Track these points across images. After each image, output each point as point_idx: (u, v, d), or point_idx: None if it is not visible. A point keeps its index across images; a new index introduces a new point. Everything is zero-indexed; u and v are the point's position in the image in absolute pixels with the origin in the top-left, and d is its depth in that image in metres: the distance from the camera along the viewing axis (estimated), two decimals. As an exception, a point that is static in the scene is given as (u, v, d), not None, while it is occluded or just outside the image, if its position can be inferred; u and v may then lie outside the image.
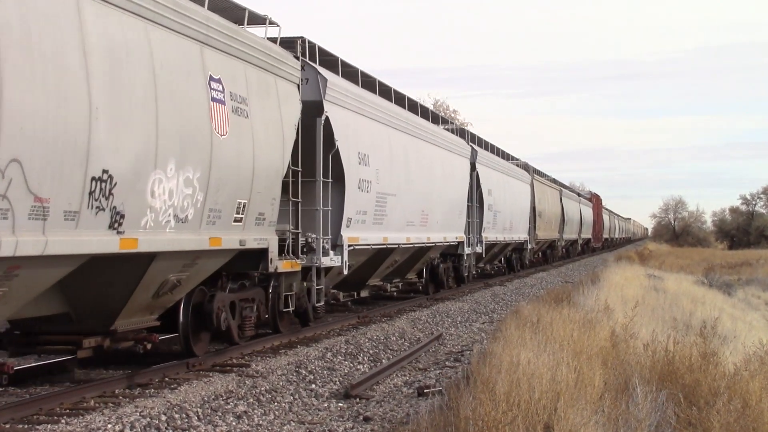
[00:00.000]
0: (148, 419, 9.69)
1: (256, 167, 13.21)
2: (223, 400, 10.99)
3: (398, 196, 20.91)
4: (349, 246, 17.86)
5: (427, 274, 26.87)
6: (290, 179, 14.94)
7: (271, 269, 14.16)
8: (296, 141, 14.98)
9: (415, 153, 22.81)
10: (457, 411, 8.37)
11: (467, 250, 28.93)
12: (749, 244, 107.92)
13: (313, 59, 17.28)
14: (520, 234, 39.79)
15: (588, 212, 73.66)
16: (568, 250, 64.02)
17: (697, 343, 11.77)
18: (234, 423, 10.09)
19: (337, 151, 17.02)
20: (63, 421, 9.64)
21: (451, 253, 28.22)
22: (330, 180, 16.80)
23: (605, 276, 31.73)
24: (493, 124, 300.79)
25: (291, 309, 15.62)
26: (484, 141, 34.53)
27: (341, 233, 17.49)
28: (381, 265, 21.24)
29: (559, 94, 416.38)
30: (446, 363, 14.79)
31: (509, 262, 40.98)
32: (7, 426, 9.40)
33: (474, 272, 31.08)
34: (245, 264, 13.84)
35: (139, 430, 9.35)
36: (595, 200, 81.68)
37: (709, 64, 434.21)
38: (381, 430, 9.91)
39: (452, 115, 66.30)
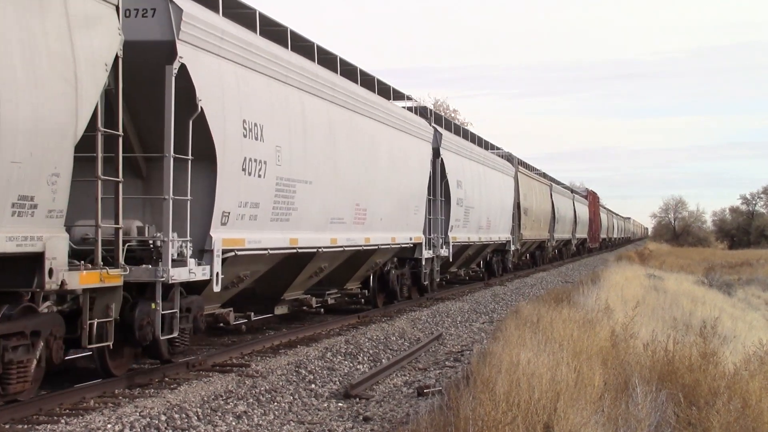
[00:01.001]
0: (148, 419, 9.68)
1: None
2: (222, 400, 10.99)
3: (315, 184, 15.81)
4: (228, 251, 12.87)
5: (375, 283, 21.64)
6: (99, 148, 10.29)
7: (52, 286, 9.37)
8: (111, 91, 10.70)
9: (346, 130, 17.55)
10: (456, 411, 8.37)
11: (426, 254, 23.28)
12: (749, 244, 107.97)
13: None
14: (501, 234, 34.83)
15: (583, 210, 69.48)
16: (561, 252, 59.81)
17: (697, 343, 11.78)
18: (234, 423, 10.09)
19: (203, 115, 12.11)
20: (63, 421, 9.63)
21: (408, 257, 23.08)
22: (190, 157, 11.94)
23: (605, 276, 31.73)
24: (494, 124, 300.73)
25: (105, 343, 10.59)
26: (454, 124, 30.01)
27: (210, 233, 12.48)
28: (299, 274, 16.40)
29: (560, 94, 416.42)
30: (446, 363, 14.79)
31: (489, 265, 36.07)
32: (7, 426, 9.40)
33: (437, 279, 25.54)
34: (4, 279, 9.32)
35: (139, 430, 9.35)
36: (591, 197, 77.41)
37: (710, 64, 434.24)
38: (381, 430, 9.91)
39: (452, 115, 66.12)
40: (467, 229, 28.63)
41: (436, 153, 24.80)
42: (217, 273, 12.55)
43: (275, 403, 11.19)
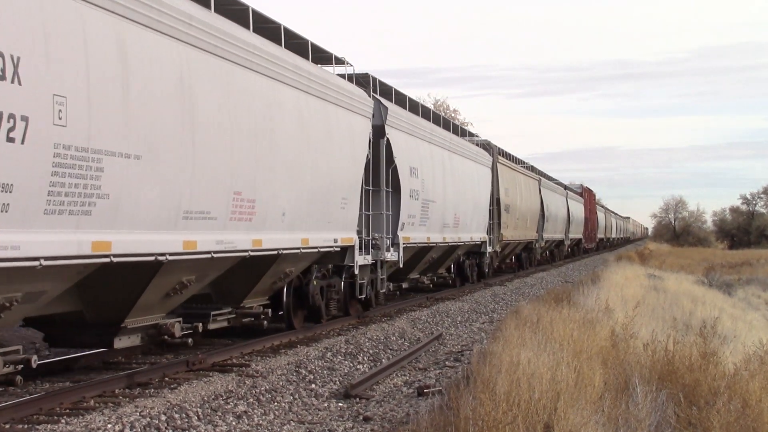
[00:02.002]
0: (148, 419, 9.68)
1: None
2: (223, 399, 10.99)
3: (148, 160, 11.04)
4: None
5: (289, 299, 17.83)
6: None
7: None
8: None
9: (220, 86, 12.56)
10: (457, 411, 8.36)
11: (361, 260, 19.20)
12: (749, 244, 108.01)
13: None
14: (475, 233, 29.54)
15: (578, 208, 64.61)
16: (553, 253, 55.33)
17: (697, 343, 11.78)
18: (234, 423, 10.09)
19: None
20: (63, 420, 9.63)
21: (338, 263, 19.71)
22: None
23: (605, 276, 31.74)
24: (494, 124, 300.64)
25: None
26: (409, 99, 24.00)
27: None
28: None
29: (561, 94, 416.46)
30: (446, 363, 14.79)
31: (462, 270, 30.66)
32: (7, 426, 9.40)
33: (383, 289, 21.09)
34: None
35: (139, 429, 9.35)
36: (587, 195, 72.63)
37: (710, 64, 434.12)
38: (381, 429, 9.91)
39: (452, 115, 66.11)
40: (427, 228, 23.39)
41: (379, 131, 19.80)
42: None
43: (275, 403, 11.19)
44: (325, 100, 16.60)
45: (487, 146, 34.18)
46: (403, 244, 21.24)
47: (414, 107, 24.40)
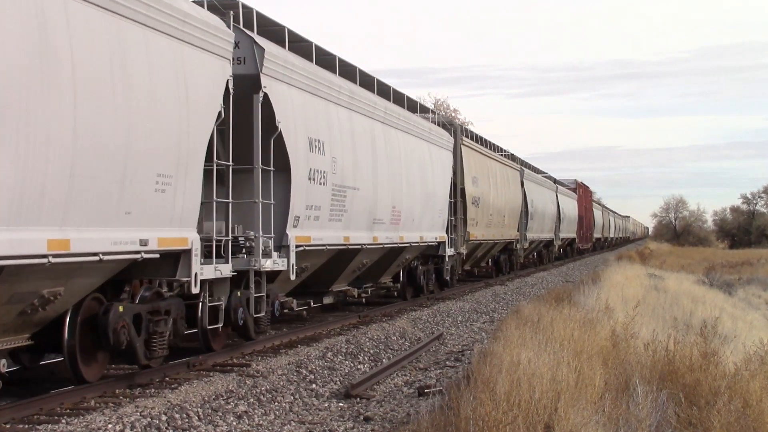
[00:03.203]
0: (149, 419, 9.68)
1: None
2: (223, 399, 10.99)
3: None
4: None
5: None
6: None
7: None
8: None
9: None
10: (457, 411, 8.37)
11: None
12: (750, 244, 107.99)
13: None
14: (428, 232, 23.68)
15: (571, 205, 59.08)
16: (540, 255, 50.09)
17: (697, 343, 11.78)
18: (234, 423, 10.09)
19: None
20: (63, 421, 9.63)
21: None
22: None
23: (606, 275, 31.74)
24: (495, 124, 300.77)
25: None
26: (317, 47, 17.34)
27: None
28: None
29: (561, 94, 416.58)
30: (447, 363, 14.78)
31: (413, 279, 24.57)
32: (8, 426, 9.40)
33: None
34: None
35: (140, 430, 9.35)
36: (581, 191, 66.60)
37: (710, 64, 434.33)
38: (381, 429, 9.91)
39: (452, 114, 66.02)
40: (344, 225, 17.46)
41: (253, 83, 14.01)
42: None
43: (276, 403, 11.19)
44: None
45: (447, 125, 27.78)
46: (298, 246, 15.21)
47: (327, 62, 17.70)
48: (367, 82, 20.31)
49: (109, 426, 9.34)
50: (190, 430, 9.63)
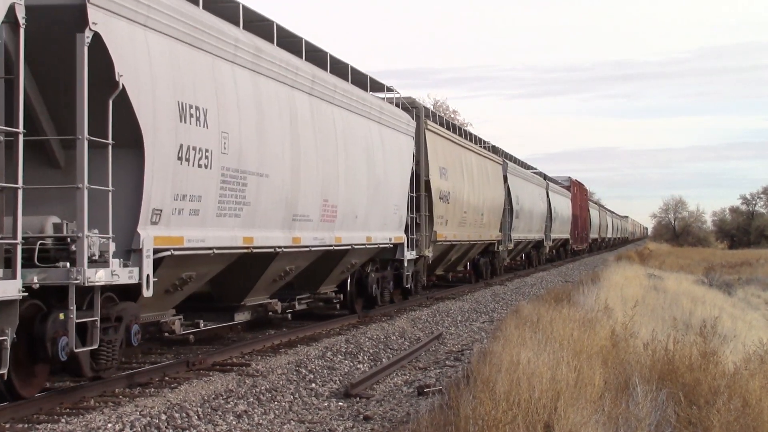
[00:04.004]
0: (148, 418, 9.68)
1: None
2: (223, 399, 10.99)
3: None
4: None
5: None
6: None
7: None
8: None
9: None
10: (457, 410, 8.37)
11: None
12: (749, 244, 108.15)
13: None
14: (378, 231, 19.44)
15: (564, 204, 55.44)
16: (529, 256, 46.62)
17: (697, 343, 11.79)
18: (234, 422, 10.09)
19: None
20: (63, 420, 9.63)
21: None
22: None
23: (605, 275, 31.75)
24: (495, 125, 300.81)
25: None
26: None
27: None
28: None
29: (561, 95, 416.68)
30: (446, 362, 14.79)
31: (365, 287, 20.35)
32: (7, 426, 9.40)
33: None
34: None
35: (139, 429, 9.35)
36: (576, 189, 62.99)
37: (710, 65, 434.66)
38: (381, 429, 9.91)
39: (452, 115, 65.92)
40: (243, 221, 13.44)
41: (77, 17, 10.08)
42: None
43: (276, 403, 11.19)
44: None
45: (408, 106, 23.26)
46: (161, 250, 11.26)
47: (225, 11, 13.78)
48: (289, 43, 15.84)
49: (109, 425, 9.34)
50: (189, 430, 9.63)
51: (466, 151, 29.40)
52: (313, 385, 12.50)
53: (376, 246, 19.53)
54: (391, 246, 20.71)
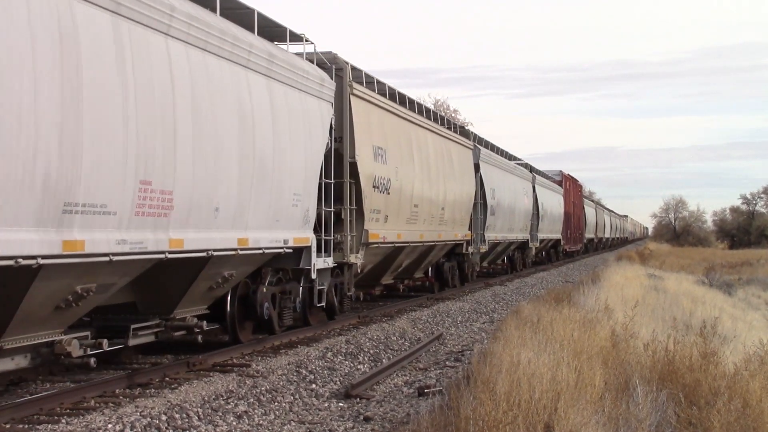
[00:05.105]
0: (149, 419, 9.69)
1: None
2: (223, 399, 11.00)
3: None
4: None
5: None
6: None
7: None
8: None
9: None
10: (457, 411, 8.37)
11: None
12: (750, 244, 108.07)
13: None
14: (261, 231, 14.03)
15: (554, 200, 50.14)
16: (512, 259, 40.79)
17: (697, 343, 11.77)
18: (234, 423, 10.09)
19: None
20: (63, 420, 9.64)
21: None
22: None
23: (605, 276, 31.73)
24: (496, 125, 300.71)
25: None
26: None
27: None
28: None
29: (562, 95, 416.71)
30: (447, 363, 14.79)
31: (248, 307, 15.00)
32: (8, 426, 9.40)
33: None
34: None
35: (140, 429, 9.35)
36: (570, 185, 57.71)
37: (711, 65, 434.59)
38: (381, 429, 9.91)
39: (452, 115, 65.81)
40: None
41: None
42: None
43: (276, 403, 11.19)
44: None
45: (325, 62, 17.40)
46: None
47: None
48: None
49: (109, 426, 9.34)
50: (190, 430, 9.63)
51: (417, 128, 23.30)
52: (314, 385, 12.50)
53: (259, 251, 13.90)
54: (291, 251, 15.16)
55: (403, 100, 22.93)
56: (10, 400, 10.51)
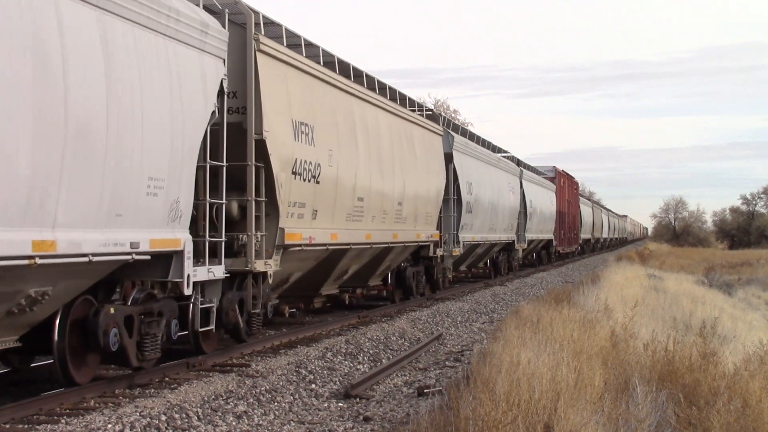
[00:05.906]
0: (148, 419, 9.69)
1: None
2: (223, 400, 11.00)
3: None
4: None
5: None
6: None
7: None
8: None
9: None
10: (457, 411, 8.37)
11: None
12: (749, 244, 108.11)
13: None
14: (76, 231, 9.52)
15: (545, 198, 46.49)
16: (496, 262, 36.67)
17: (697, 343, 11.78)
18: (234, 423, 10.09)
19: None
20: (63, 421, 9.64)
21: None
22: None
23: (605, 276, 31.75)
24: (496, 125, 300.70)
25: None
26: None
27: None
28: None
29: (563, 95, 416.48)
30: (446, 363, 14.79)
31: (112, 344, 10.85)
32: (7, 426, 9.40)
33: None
34: None
35: (139, 430, 9.35)
36: (564, 182, 53.97)
37: (711, 65, 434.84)
38: (381, 430, 9.91)
39: (452, 115, 65.82)
40: None
41: None
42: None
43: (275, 403, 11.19)
44: None
45: (217, 6, 13.21)
46: None
47: None
48: None
49: (109, 426, 9.34)
50: (189, 430, 9.64)
51: (365, 104, 19.03)
52: (313, 385, 12.50)
53: (83, 259, 9.79)
54: (148, 258, 11.12)
55: (346, 69, 18.67)
56: (10, 400, 10.51)
